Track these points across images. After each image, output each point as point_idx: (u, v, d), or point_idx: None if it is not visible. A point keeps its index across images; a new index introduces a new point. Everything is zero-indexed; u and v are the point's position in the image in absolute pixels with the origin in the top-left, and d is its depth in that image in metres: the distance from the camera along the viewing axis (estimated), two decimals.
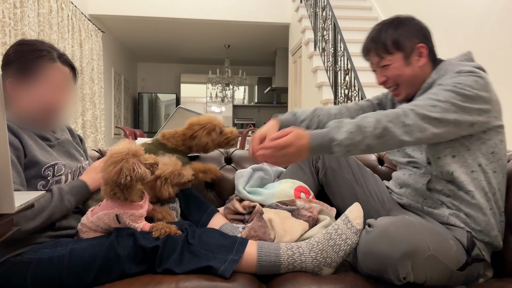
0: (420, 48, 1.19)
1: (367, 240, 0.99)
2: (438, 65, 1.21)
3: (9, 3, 3.50)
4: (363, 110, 1.40)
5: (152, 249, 0.99)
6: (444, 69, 1.17)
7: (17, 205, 0.63)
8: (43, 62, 1.10)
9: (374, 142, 1.02)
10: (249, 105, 9.35)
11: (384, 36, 1.20)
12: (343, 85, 3.58)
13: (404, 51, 1.19)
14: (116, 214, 1.04)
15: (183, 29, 6.40)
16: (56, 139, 1.19)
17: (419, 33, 1.20)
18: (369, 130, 1.01)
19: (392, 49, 1.19)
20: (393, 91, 1.25)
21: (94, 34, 5.49)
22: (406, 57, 1.19)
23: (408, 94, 1.23)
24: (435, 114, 1.02)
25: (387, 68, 1.21)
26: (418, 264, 0.93)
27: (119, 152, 1.02)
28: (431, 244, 0.94)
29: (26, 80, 1.09)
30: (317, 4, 4.47)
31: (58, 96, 1.13)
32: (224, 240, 1.06)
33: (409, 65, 1.19)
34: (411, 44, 1.19)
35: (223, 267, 0.97)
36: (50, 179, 1.09)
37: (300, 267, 1.03)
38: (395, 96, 1.26)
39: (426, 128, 1.02)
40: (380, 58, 1.22)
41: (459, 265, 1.02)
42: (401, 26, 1.20)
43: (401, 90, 1.23)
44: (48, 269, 0.98)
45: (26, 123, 1.11)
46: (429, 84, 1.18)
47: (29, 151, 1.06)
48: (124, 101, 7.64)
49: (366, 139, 1.01)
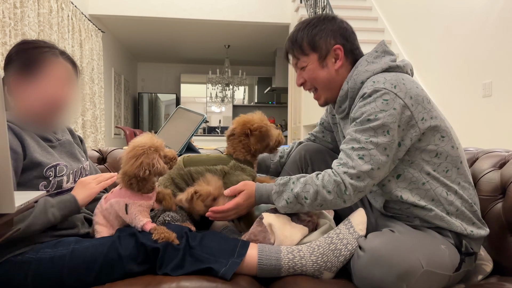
0: (336, 50, 1.14)
1: (359, 266, 0.97)
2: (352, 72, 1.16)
3: (9, 3, 3.50)
4: (318, 138, 1.47)
5: (153, 249, 0.99)
6: (353, 79, 1.13)
7: (17, 205, 0.63)
8: (46, 57, 1.12)
9: (312, 209, 1.10)
10: (249, 105, 9.35)
11: (300, 36, 1.17)
12: None
13: (319, 53, 1.15)
14: (126, 203, 1.07)
15: (183, 29, 6.40)
16: (58, 140, 1.19)
17: (337, 34, 1.15)
18: (308, 202, 1.07)
19: (307, 50, 1.16)
20: (314, 96, 1.23)
21: (94, 34, 5.49)
22: (321, 59, 1.15)
23: (327, 98, 1.21)
24: (367, 166, 1.00)
25: (304, 70, 1.18)
26: (413, 284, 0.91)
27: (142, 146, 1.05)
28: (423, 259, 0.93)
29: (30, 75, 1.09)
30: (317, 4, 4.47)
31: (62, 91, 1.14)
32: (225, 243, 1.05)
33: (325, 68, 1.16)
34: (327, 45, 1.14)
35: (224, 269, 0.97)
36: (52, 180, 1.10)
37: (301, 270, 1.02)
38: (317, 100, 1.24)
39: (365, 185, 1.02)
40: (296, 59, 1.19)
41: (455, 267, 1.01)
42: (318, 27, 1.16)
43: (320, 94, 1.21)
44: (49, 269, 0.98)
45: (30, 122, 1.11)
46: (342, 96, 1.16)
47: (30, 153, 1.06)
48: (124, 101, 7.64)
49: (304, 207, 1.09)
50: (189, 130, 1.60)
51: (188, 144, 1.63)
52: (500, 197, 1.21)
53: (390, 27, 4.73)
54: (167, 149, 1.11)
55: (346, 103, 1.17)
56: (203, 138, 7.37)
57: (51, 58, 1.13)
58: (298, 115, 5.44)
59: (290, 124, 6.09)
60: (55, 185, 1.11)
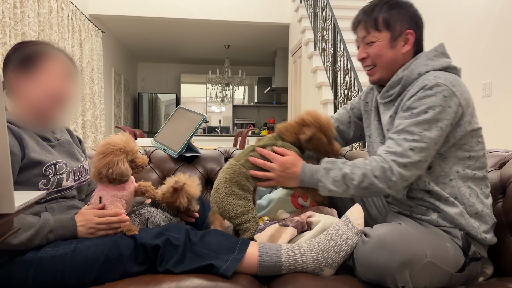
0: (408, 34, 1.17)
1: (364, 251, 0.98)
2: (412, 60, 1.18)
3: (9, 3, 3.50)
4: (339, 121, 1.45)
5: (153, 248, 1.00)
6: (410, 69, 1.16)
7: (17, 205, 0.63)
8: (43, 50, 1.14)
9: (357, 192, 1.11)
10: (249, 105, 9.35)
11: (377, 12, 1.18)
12: (342, 85, 3.58)
13: (392, 32, 1.17)
14: (99, 196, 1.12)
15: (183, 29, 6.40)
16: (56, 140, 1.20)
17: (412, 20, 1.18)
18: (355, 183, 1.09)
19: (381, 27, 1.17)
20: (369, 71, 1.23)
21: (94, 34, 5.49)
22: (392, 39, 1.17)
23: (382, 77, 1.22)
24: (416, 157, 1.05)
25: (371, 45, 1.19)
26: (416, 272, 0.92)
27: (114, 145, 1.09)
28: (428, 250, 0.94)
29: (29, 70, 1.11)
30: (317, 4, 4.47)
31: (61, 84, 1.15)
32: (226, 240, 1.06)
33: (393, 48, 1.18)
34: (401, 27, 1.17)
35: (225, 266, 0.97)
36: (51, 178, 1.10)
37: (301, 267, 1.02)
38: (369, 76, 1.25)
39: (411, 175, 1.07)
40: (367, 32, 1.20)
41: (458, 267, 1.01)
42: (396, 7, 1.18)
43: (376, 71, 1.21)
44: (49, 268, 0.98)
45: (31, 119, 1.12)
46: (394, 82, 1.18)
47: (29, 152, 1.07)
48: (124, 101, 7.64)
49: (349, 190, 1.11)
50: (189, 130, 1.60)
51: (188, 144, 1.63)
52: (500, 197, 1.21)
53: None
54: (140, 155, 1.16)
55: (395, 89, 1.19)
56: (203, 138, 7.37)
57: (48, 51, 1.15)
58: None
59: None
60: (55, 183, 1.11)
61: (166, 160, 1.64)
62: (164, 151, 1.65)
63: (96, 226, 1.05)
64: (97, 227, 1.06)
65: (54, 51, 1.16)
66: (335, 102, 3.76)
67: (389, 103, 1.22)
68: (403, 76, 1.16)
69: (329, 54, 4.04)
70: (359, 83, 3.15)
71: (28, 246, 1.00)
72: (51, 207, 1.11)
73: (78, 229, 1.05)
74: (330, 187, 1.12)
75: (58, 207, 1.13)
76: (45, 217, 1.04)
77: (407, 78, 1.15)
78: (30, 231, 0.99)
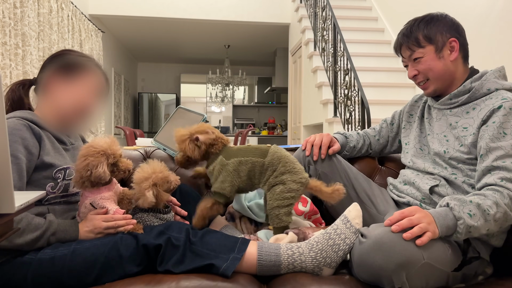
0: (452, 42, 1.20)
1: (360, 251, 0.97)
2: (472, 74, 1.22)
3: (9, 3, 3.50)
4: (380, 134, 1.50)
5: (154, 247, 1.00)
6: (480, 82, 1.19)
7: (17, 205, 0.63)
8: (88, 64, 1.20)
9: (493, 224, 1.01)
10: (249, 105, 9.35)
11: (415, 31, 1.22)
12: (342, 85, 3.58)
13: (436, 44, 1.20)
14: (90, 203, 1.10)
15: (183, 29, 6.40)
16: (71, 144, 1.25)
17: (451, 29, 1.21)
18: (492, 213, 1.00)
19: (424, 43, 1.21)
20: (422, 85, 1.27)
21: (94, 34, 5.49)
22: (437, 50, 1.20)
23: (437, 88, 1.25)
24: None
25: (419, 61, 1.23)
26: (413, 274, 0.92)
27: (96, 147, 1.08)
28: (425, 251, 0.93)
29: (69, 78, 1.16)
30: (317, 4, 4.47)
31: (93, 100, 1.20)
32: (225, 239, 1.06)
33: (441, 59, 1.21)
34: (443, 38, 1.20)
35: (225, 265, 0.97)
36: (59, 182, 1.13)
37: (300, 267, 1.02)
38: (424, 90, 1.28)
39: None
40: (411, 51, 1.24)
41: (455, 266, 1.01)
42: (432, 22, 1.22)
43: (430, 84, 1.25)
44: (49, 269, 0.98)
45: (54, 121, 1.16)
46: (461, 91, 1.20)
47: (44, 154, 1.10)
48: (124, 101, 7.64)
49: (487, 222, 1.00)
50: None
51: None
52: None
53: (390, 27, 4.73)
54: (124, 159, 1.14)
55: (460, 98, 1.22)
56: None
57: (93, 67, 1.21)
58: (298, 115, 5.44)
59: (290, 124, 6.09)
60: (62, 188, 1.13)
61: (166, 160, 1.63)
62: (164, 151, 1.65)
63: (105, 231, 1.06)
64: (105, 232, 1.06)
65: (96, 68, 1.22)
66: (335, 102, 3.76)
67: (447, 109, 1.25)
68: (471, 88, 1.19)
69: (329, 54, 4.04)
70: (359, 83, 3.15)
71: (31, 247, 1.01)
72: (53, 208, 1.12)
73: (85, 234, 1.06)
74: (468, 224, 0.98)
75: (60, 209, 1.14)
76: (50, 219, 1.05)
77: (476, 90, 1.18)
78: (36, 233, 1.00)
